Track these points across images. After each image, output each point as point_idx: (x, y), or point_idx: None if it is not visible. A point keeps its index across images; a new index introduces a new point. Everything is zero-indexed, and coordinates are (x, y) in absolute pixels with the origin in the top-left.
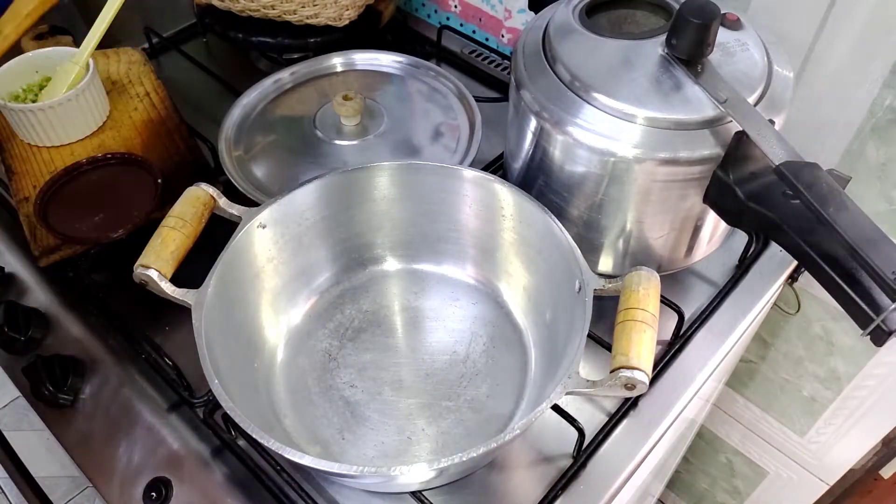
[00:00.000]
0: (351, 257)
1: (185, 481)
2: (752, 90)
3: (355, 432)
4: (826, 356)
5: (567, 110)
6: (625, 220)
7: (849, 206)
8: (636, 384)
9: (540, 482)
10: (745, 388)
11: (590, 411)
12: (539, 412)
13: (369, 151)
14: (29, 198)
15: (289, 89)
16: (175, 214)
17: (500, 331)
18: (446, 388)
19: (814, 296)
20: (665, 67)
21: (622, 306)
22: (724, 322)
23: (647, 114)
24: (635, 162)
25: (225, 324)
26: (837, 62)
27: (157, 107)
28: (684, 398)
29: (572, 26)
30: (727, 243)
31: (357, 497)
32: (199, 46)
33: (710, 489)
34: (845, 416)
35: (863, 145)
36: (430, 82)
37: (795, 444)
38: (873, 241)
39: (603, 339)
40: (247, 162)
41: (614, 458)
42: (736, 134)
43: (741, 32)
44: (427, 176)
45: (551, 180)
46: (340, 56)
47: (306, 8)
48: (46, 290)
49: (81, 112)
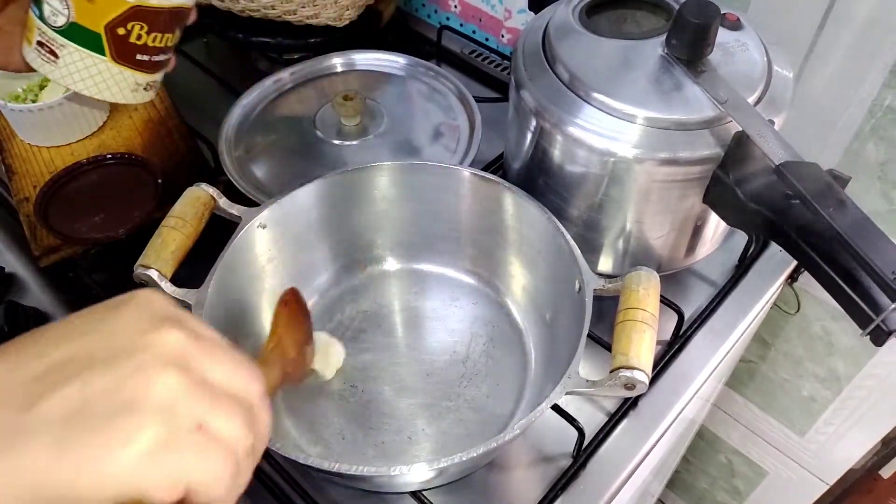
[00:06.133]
0: (351, 257)
1: None
2: (752, 90)
3: (355, 432)
4: (826, 356)
5: (567, 110)
6: (625, 220)
7: (849, 206)
8: (636, 384)
9: (540, 482)
10: (744, 388)
11: (590, 411)
12: (539, 412)
13: (369, 151)
14: (29, 198)
15: (289, 89)
16: (175, 214)
17: (500, 331)
18: (446, 388)
19: (813, 296)
20: (665, 67)
21: (622, 306)
22: (724, 322)
23: (647, 114)
24: (635, 162)
25: (225, 324)
26: (837, 62)
27: (157, 107)
28: (684, 398)
29: (572, 26)
30: (727, 243)
31: (357, 497)
32: (199, 46)
33: (709, 489)
34: (845, 415)
35: (863, 145)
36: (430, 82)
37: (795, 443)
38: (873, 241)
39: (603, 338)
40: (247, 162)
41: (614, 457)
42: (736, 134)
43: (741, 32)
44: (427, 176)
45: (551, 180)
46: (340, 56)
47: (306, 8)
48: (46, 290)
49: (82, 112)
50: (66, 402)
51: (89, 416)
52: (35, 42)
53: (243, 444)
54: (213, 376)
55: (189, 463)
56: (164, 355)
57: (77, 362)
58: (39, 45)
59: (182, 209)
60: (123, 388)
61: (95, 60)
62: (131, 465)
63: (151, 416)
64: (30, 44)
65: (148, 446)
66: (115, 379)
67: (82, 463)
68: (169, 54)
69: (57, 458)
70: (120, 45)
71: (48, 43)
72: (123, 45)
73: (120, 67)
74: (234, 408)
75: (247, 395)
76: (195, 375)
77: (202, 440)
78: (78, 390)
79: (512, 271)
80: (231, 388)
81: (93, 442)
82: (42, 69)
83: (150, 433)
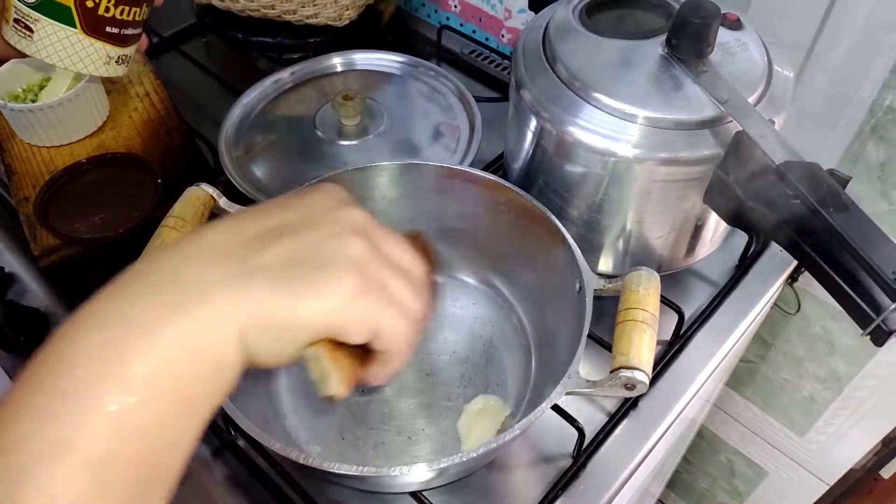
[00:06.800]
0: None
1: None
2: (752, 90)
3: (355, 432)
4: (826, 356)
5: (567, 110)
6: (625, 219)
7: (849, 206)
8: (636, 384)
9: (540, 482)
10: (745, 389)
11: (590, 411)
12: (539, 412)
13: (369, 151)
14: (29, 198)
15: (289, 89)
16: (175, 214)
17: (501, 331)
18: (446, 388)
19: (814, 296)
20: (665, 67)
21: (622, 306)
22: (725, 322)
23: (647, 113)
24: (635, 162)
25: None
26: (837, 62)
27: (156, 107)
28: (684, 398)
29: (572, 26)
30: (727, 243)
31: (357, 497)
32: (198, 46)
33: (710, 489)
34: (845, 416)
35: (863, 145)
36: (430, 82)
37: (795, 444)
38: (873, 241)
39: (603, 339)
40: (247, 162)
41: (614, 458)
42: (736, 134)
43: (741, 32)
44: (427, 176)
45: (551, 180)
46: (340, 56)
47: (306, 8)
48: (46, 290)
49: (81, 112)
50: (280, 254)
51: (299, 265)
52: (12, 20)
53: (413, 308)
54: (390, 251)
55: (378, 310)
56: (351, 226)
57: (284, 228)
58: (16, 23)
59: (182, 209)
60: (324, 247)
61: (67, 33)
62: (337, 303)
63: (348, 268)
64: (7, 23)
65: (349, 290)
66: (315, 240)
67: (300, 300)
68: (139, 29)
69: (278, 294)
70: (89, 17)
71: (23, 19)
72: (93, 17)
73: (91, 40)
74: (405, 278)
75: (415, 270)
76: (376, 246)
77: (386, 296)
78: (288, 247)
79: (512, 271)
80: (402, 262)
81: (306, 284)
82: (19, 45)
83: (349, 281)
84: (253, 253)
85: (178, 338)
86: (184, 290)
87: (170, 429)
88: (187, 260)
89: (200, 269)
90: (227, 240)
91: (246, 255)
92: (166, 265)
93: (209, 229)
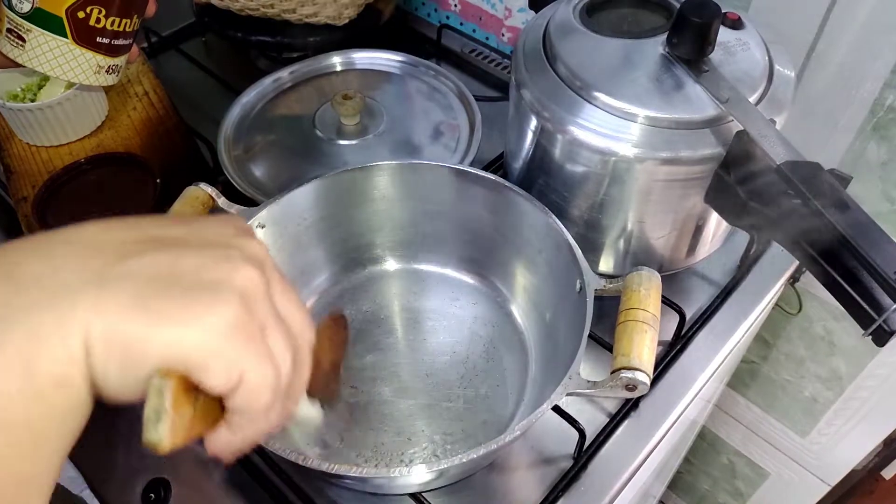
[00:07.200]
0: (350, 257)
1: (184, 482)
2: (753, 89)
3: (355, 433)
4: (828, 356)
5: (568, 109)
6: (626, 219)
7: (850, 206)
8: (637, 385)
9: (540, 483)
10: (746, 389)
11: (590, 412)
12: (540, 413)
13: (369, 151)
14: (27, 197)
15: (288, 89)
16: (174, 214)
17: (501, 331)
18: (446, 388)
19: (815, 296)
20: (666, 67)
21: (623, 307)
22: (726, 322)
23: (648, 113)
24: (636, 161)
25: None
26: (839, 61)
27: (155, 106)
28: (685, 399)
29: (573, 25)
30: (728, 243)
31: (356, 498)
32: (198, 46)
33: (711, 490)
34: (847, 416)
35: (864, 145)
36: (430, 81)
37: (797, 444)
38: (875, 241)
39: (603, 339)
40: (246, 161)
41: (615, 459)
42: (737, 133)
43: (742, 32)
44: (427, 176)
45: (552, 180)
46: (340, 55)
47: (305, 7)
48: None
49: (80, 112)
50: (155, 264)
51: (174, 283)
52: (5, 30)
53: (287, 375)
54: (283, 302)
55: (250, 358)
56: (248, 255)
57: (172, 239)
58: (9, 32)
59: (181, 208)
60: (210, 269)
61: (59, 43)
62: (203, 336)
63: (230, 299)
64: (1, 33)
65: (223, 323)
66: (202, 259)
67: (159, 320)
68: (129, 40)
69: (136, 308)
70: (80, 27)
71: (16, 29)
72: (84, 27)
73: (81, 49)
74: (289, 341)
75: (301, 337)
76: (270, 288)
77: (264, 345)
78: (169, 260)
79: (512, 271)
80: (292, 321)
81: (172, 306)
82: (11, 54)
83: (227, 313)
84: (122, 258)
85: (6, 350)
86: (20, 290)
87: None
88: (37, 252)
89: (58, 266)
90: (98, 238)
91: (113, 258)
92: (11, 256)
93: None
